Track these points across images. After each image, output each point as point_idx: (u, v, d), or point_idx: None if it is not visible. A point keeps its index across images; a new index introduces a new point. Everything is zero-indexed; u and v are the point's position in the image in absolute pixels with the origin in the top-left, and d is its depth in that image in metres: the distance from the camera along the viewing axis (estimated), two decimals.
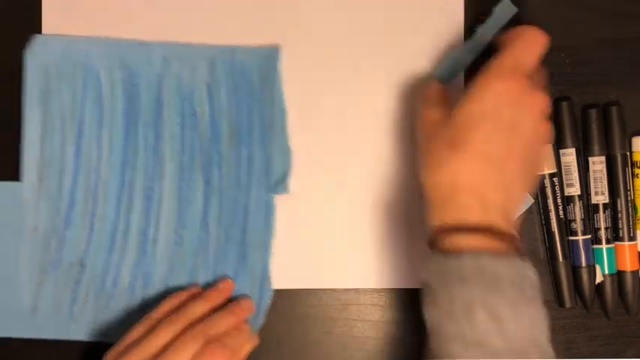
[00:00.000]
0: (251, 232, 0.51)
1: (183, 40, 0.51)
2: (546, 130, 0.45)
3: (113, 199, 0.51)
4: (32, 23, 0.51)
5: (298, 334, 0.52)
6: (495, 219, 0.42)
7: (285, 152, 0.51)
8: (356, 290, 0.52)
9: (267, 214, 0.51)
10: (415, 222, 0.51)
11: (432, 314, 0.41)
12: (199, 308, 0.48)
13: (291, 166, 0.51)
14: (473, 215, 0.42)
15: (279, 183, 0.51)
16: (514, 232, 0.43)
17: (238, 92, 0.51)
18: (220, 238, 0.51)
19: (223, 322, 0.47)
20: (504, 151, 0.42)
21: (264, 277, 0.51)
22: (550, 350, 0.40)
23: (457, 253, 0.41)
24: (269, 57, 0.51)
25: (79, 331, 0.51)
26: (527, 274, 0.41)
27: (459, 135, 0.42)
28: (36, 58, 0.51)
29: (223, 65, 0.51)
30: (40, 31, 0.51)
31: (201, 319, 0.47)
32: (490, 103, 0.42)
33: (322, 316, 0.52)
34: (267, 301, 0.51)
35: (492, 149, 0.42)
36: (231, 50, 0.51)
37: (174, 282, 0.51)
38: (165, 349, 0.44)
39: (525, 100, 0.43)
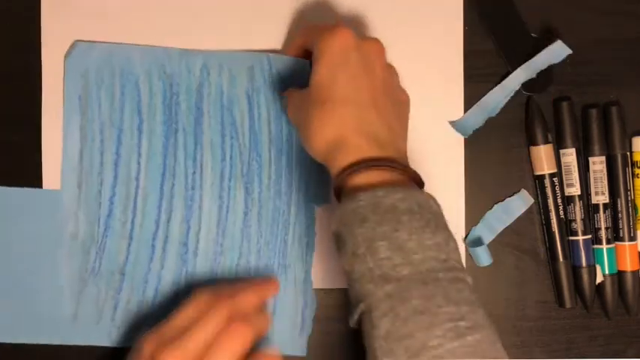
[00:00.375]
0: (292, 243, 0.51)
1: (216, 47, 0.51)
2: (393, 68, 0.47)
3: (152, 207, 0.51)
4: (31, 23, 0.51)
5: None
6: (389, 152, 0.42)
7: None
8: None
9: (308, 224, 0.51)
10: None
11: (343, 262, 0.41)
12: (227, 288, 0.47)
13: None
14: (366, 152, 0.41)
15: (319, 193, 0.51)
16: (409, 165, 0.43)
17: (278, 101, 0.51)
18: (261, 247, 0.51)
19: (249, 299, 0.47)
20: (369, 89, 0.43)
21: (307, 287, 0.51)
22: (462, 269, 0.39)
23: (353, 194, 0.40)
24: (302, 68, 0.50)
25: (122, 338, 0.51)
26: (427, 202, 0.40)
27: (322, 92, 0.43)
28: (76, 65, 0.50)
29: (262, 74, 0.51)
30: (38, 31, 0.51)
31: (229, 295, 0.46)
32: (337, 57, 0.43)
33: (322, 316, 0.52)
34: (312, 311, 0.51)
35: (358, 92, 0.43)
36: (268, 59, 0.51)
37: None
38: (191, 324, 0.44)
39: (363, 44, 0.44)
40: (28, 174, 0.51)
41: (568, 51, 0.50)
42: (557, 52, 0.50)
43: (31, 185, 0.51)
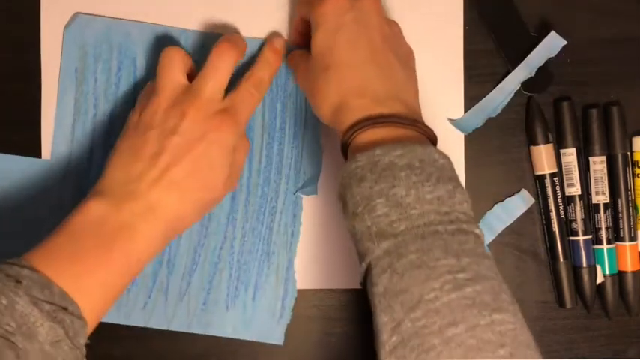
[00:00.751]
0: (277, 230, 0.51)
1: (217, 31, 0.51)
2: (393, 21, 0.48)
3: None
4: (32, 22, 0.51)
5: (298, 334, 0.52)
6: (394, 107, 0.42)
7: (317, 154, 0.51)
8: (356, 290, 0.52)
9: (295, 213, 0.51)
10: None
11: (347, 223, 0.41)
12: None
13: (322, 169, 0.51)
14: (369, 110, 0.42)
15: (308, 185, 0.51)
16: (418, 117, 0.43)
17: (274, 89, 0.51)
18: (246, 233, 0.51)
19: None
20: (368, 48, 0.44)
21: (289, 276, 0.51)
22: (468, 221, 0.39)
23: (353, 155, 0.41)
24: None
25: None
26: (430, 156, 0.40)
27: (323, 60, 0.44)
28: (75, 37, 0.51)
29: None
30: (39, 29, 0.51)
31: None
32: (332, 23, 0.44)
33: (322, 316, 0.52)
34: (292, 300, 0.51)
35: (357, 53, 0.43)
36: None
37: (198, 273, 0.51)
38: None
39: (357, 3, 0.45)
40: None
41: (563, 42, 0.50)
42: (552, 44, 0.50)
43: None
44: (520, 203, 0.52)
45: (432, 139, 0.43)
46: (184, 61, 0.46)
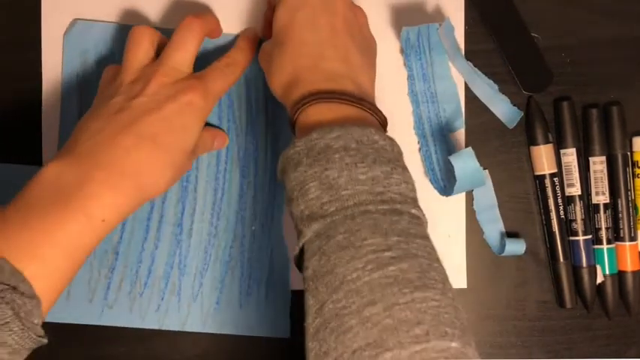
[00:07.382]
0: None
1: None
2: (360, 9, 0.47)
3: None
4: (32, 29, 0.51)
5: (298, 334, 0.52)
6: (345, 85, 0.41)
7: None
8: None
9: None
10: None
11: (287, 210, 0.41)
12: None
13: None
14: (318, 85, 0.41)
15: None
16: (369, 98, 0.42)
17: None
18: (256, 231, 0.51)
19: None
20: (328, 29, 0.43)
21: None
22: (404, 201, 0.37)
23: (293, 139, 0.40)
24: None
25: (114, 317, 0.51)
26: (370, 138, 0.39)
27: (282, 36, 0.44)
28: (75, 43, 0.51)
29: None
30: (39, 36, 0.51)
31: None
32: (297, 2, 0.44)
33: None
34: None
35: (316, 32, 0.43)
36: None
37: (209, 272, 0.51)
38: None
39: None
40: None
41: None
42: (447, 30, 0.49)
43: None
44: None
45: (382, 122, 0.42)
46: (152, 39, 0.46)
